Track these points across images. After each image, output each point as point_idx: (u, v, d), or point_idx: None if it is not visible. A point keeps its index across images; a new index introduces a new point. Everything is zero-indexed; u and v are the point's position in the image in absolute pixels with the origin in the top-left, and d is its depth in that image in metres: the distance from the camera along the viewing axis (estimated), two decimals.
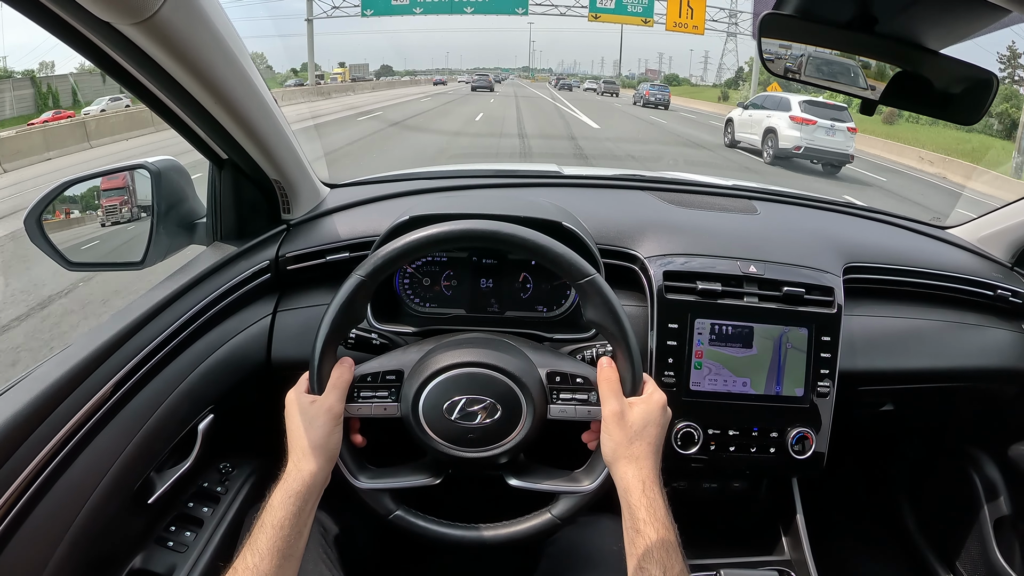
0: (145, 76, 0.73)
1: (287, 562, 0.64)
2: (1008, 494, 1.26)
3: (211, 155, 0.96)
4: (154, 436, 0.81)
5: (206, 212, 1.04)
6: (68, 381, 0.72)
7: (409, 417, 0.75)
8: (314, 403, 0.72)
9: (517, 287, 1.06)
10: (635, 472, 0.69)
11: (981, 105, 0.72)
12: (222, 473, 0.97)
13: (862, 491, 1.58)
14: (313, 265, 1.03)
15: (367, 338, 0.87)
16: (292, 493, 0.67)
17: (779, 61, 0.72)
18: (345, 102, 21.79)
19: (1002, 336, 1.17)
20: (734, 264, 1.00)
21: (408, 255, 0.75)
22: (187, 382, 0.87)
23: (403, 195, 1.17)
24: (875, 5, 0.67)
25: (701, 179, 1.44)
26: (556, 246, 0.75)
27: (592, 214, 1.07)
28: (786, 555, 1.12)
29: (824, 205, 1.34)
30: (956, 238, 1.31)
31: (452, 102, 22.87)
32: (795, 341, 0.99)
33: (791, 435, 0.99)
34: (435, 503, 0.84)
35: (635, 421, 0.72)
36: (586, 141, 11.89)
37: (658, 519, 0.66)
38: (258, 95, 0.83)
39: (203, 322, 0.90)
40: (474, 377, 0.75)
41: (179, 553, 0.84)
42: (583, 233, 0.96)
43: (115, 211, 1.01)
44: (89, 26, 0.62)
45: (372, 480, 0.76)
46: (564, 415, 0.76)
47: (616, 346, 0.76)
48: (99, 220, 1.00)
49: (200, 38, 0.68)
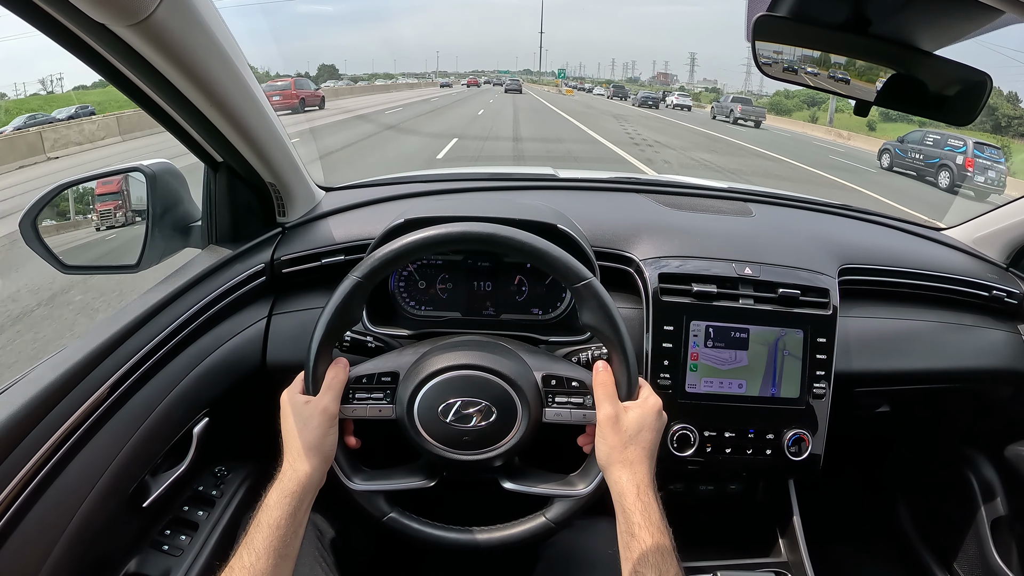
0: (140, 78, 0.73)
1: (283, 561, 0.64)
2: (1004, 495, 1.26)
3: (206, 158, 0.96)
4: (149, 439, 0.81)
5: (201, 215, 1.04)
6: (63, 384, 0.71)
7: (404, 419, 0.75)
8: (308, 404, 0.72)
9: (512, 290, 1.06)
10: (630, 476, 0.69)
11: (975, 106, 0.72)
12: (217, 477, 0.97)
13: (859, 493, 1.59)
14: (308, 268, 1.02)
15: (362, 340, 0.87)
16: (288, 493, 0.67)
17: (775, 65, 0.72)
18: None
19: (997, 337, 1.17)
20: (729, 266, 1.00)
21: (404, 257, 0.74)
22: (182, 385, 0.86)
23: (398, 198, 1.17)
24: (869, 7, 0.67)
25: (696, 181, 1.44)
26: (553, 249, 0.75)
27: (587, 217, 1.07)
28: (783, 557, 1.12)
29: (819, 207, 1.35)
30: (951, 239, 1.32)
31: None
32: (791, 343, 0.99)
33: (787, 437, 0.99)
34: (429, 506, 0.84)
35: (630, 425, 0.72)
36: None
37: (653, 523, 0.66)
38: (253, 97, 0.83)
39: (198, 325, 0.90)
40: (469, 380, 0.75)
41: (174, 557, 0.83)
42: (578, 236, 0.96)
43: (110, 215, 1.00)
44: (83, 27, 0.62)
45: (366, 482, 0.76)
46: (559, 419, 0.76)
47: (612, 350, 0.76)
48: (94, 225, 0.99)
49: (195, 40, 0.68)
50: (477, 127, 14.64)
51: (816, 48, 0.72)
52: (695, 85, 72.95)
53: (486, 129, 14.23)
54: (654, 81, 73.58)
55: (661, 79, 73.35)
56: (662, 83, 47.39)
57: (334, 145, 10.27)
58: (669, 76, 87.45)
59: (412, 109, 20.51)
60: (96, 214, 1.00)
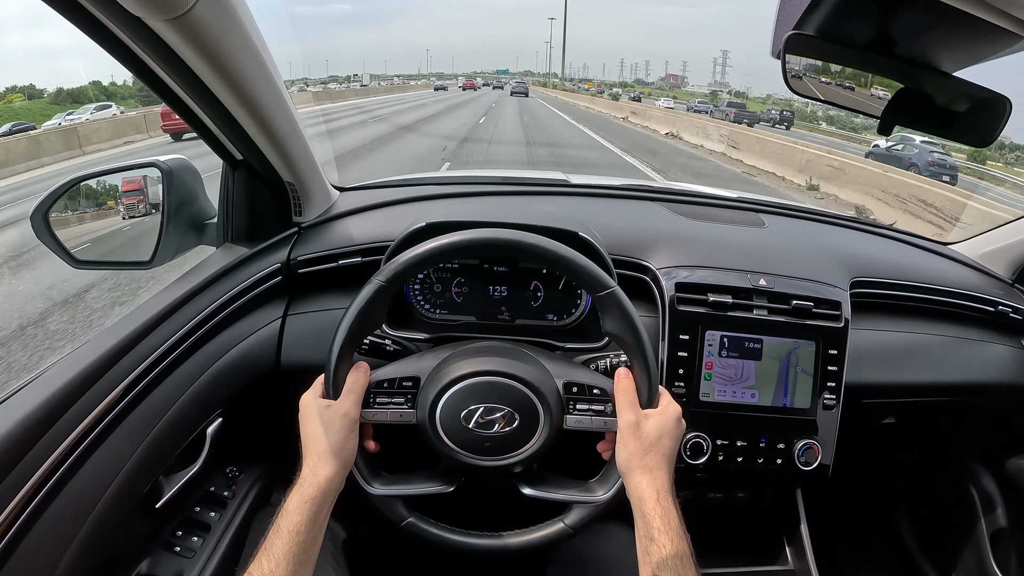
0: (169, 73, 0.72)
1: (302, 568, 0.63)
2: (1005, 507, 1.28)
3: (226, 155, 0.96)
4: (163, 440, 0.80)
5: (217, 213, 1.03)
6: (79, 384, 0.71)
7: (426, 424, 0.74)
8: (330, 407, 0.71)
9: (528, 295, 1.06)
10: (649, 482, 0.69)
11: (994, 128, 0.74)
12: (229, 478, 0.96)
13: (863, 502, 1.60)
14: (325, 269, 1.02)
15: (381, 344, 0.87)
16: (308, 498, 0.66)
17: (802, 81, 0.73)
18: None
19: (1002, 352, 1.19)
20: (744, 277, 1.01)
21: (429, 262, 0.74)
22: (197, 385, 0.85)
23: (414, 200, 1.17)
24: (894, 28, 0.69)
25: (707, 191, 1.45)
26: (578, 257, 0.75)
27: (603, 224, 1.07)
28: (789, 565, 1.13)
29: (828, 219, 1.36)
30: (958, 254, 1.34)
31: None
32: (803, 354, 1.00)
33: (797, 447, 1.00)
34: (446, 511, 0.83)
35: (650, 432, 0.72)
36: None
37: (672, 529, 0.66)
38: (280, 97, 0.83)
39: (214, 324, 0.89)
40: (492, 386, 0.74)
41: (186, 558, 0.82)
42: (598, 243, 0.97)
43: (134, 209, 1.00)
44: (118, 20, 0.62)
45: (386, 487, 0.75)
46: (580, 425, 0.76)
47: (633, 358, 0.76)
48: (120, 215, 0.99)
49: (230, 37, 0.68)
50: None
51: (843, 64, 0.73)
52: (718, 86, 72.04)
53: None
54: (663, 83, 72.95)
55: (671, 81, 72.87)
56: (672, 85, 46.96)
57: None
58: (679, 78, 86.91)
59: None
60: (123, 206, 0.99)
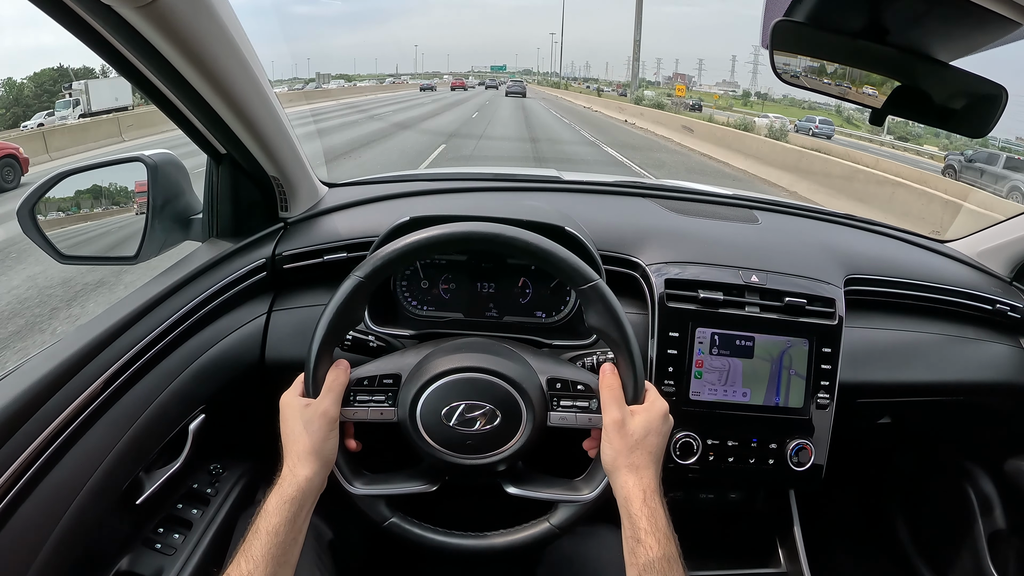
0: (144, 64, 0.71)
1: (282, 569, 0.62)
2: (1003, 508, 1.26)
3: (209, 149, 0.95)
4: (144, 435, 0.79)
5: (202, 208, 1.02)
6: (57, 377, 0.70)
7: (406, 422, 0.73)
8: (309, 407, 0.70)
9: (516, 292, 1.05)
10: (636, 481, 0.68)
11: (990, 118, 0.72)
12: (212, 474, 0.95)
13: (859, 504, 1.58)
14: (310, 264, 1.01)
15: (364, 340, 0.86)
16: (287, 499, 0.65)
17: (790, 68, 0.71)
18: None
19: (1000, 350, 1.17)
20: (736, 273, 1.00)
21: (408, 257, 0.73)
22: (179, 380, 0.85)
23: (402, 196, 1.16)
24: (887, 15, 0.67)
25: (701, 187, 1.43)
26: (559, 250, 0.73)
27: (593, 220, 1.06)
28: (782, 567, 1.11)
29: (822, 215, 1.34)
30: (955, 252, 1.31)
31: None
32: (796, 352, 0.98)
33: (790, 447, 0.98)
34: (430, 511, 0.82)
35: (636, 429, 0.70)
36: None
37: (659, 529, 0.65)
38: (260, 89, 0.82)
39: (197, 319, 0.88)
40: (474, 382, 0.73)
41: (167, 556, 0.82)
42: (585, 238, 0.95)
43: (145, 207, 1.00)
44: (89, 9, 0.61)
45: (367, 486, 0.74)
46: (564, 422, 0.75)
47: (618, 353, 0.74)
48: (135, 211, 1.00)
49: (203, 26, 0.66)
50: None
51: (833, 54, 0.71)
52: (723, 87, 71.25)
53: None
54: (669, 82, 71.85)
55: (678, 79, 71.96)
56: (678, 83, 46.05)
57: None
58: (685, 77, 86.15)
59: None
60: (136, 204, 0.99)
